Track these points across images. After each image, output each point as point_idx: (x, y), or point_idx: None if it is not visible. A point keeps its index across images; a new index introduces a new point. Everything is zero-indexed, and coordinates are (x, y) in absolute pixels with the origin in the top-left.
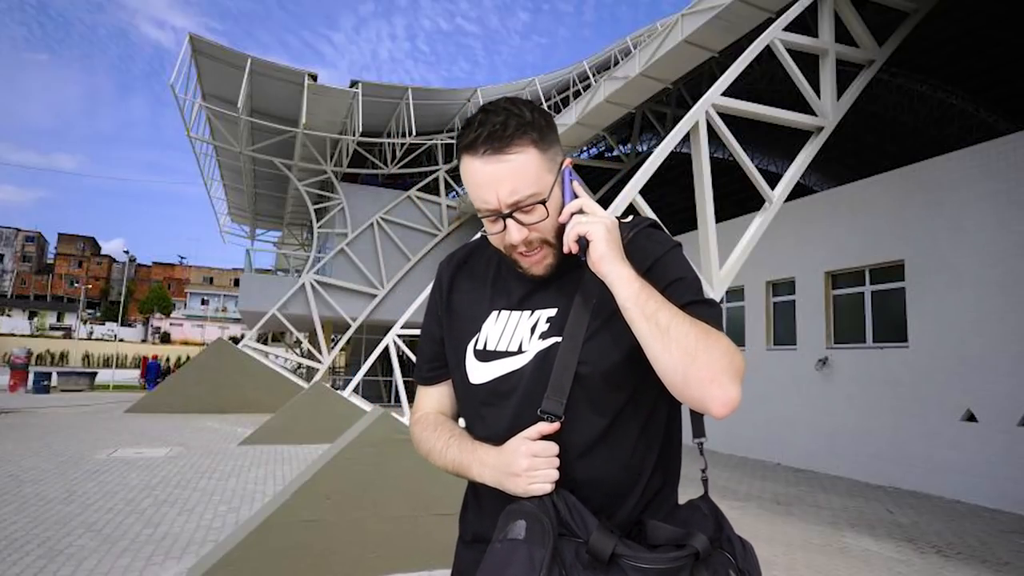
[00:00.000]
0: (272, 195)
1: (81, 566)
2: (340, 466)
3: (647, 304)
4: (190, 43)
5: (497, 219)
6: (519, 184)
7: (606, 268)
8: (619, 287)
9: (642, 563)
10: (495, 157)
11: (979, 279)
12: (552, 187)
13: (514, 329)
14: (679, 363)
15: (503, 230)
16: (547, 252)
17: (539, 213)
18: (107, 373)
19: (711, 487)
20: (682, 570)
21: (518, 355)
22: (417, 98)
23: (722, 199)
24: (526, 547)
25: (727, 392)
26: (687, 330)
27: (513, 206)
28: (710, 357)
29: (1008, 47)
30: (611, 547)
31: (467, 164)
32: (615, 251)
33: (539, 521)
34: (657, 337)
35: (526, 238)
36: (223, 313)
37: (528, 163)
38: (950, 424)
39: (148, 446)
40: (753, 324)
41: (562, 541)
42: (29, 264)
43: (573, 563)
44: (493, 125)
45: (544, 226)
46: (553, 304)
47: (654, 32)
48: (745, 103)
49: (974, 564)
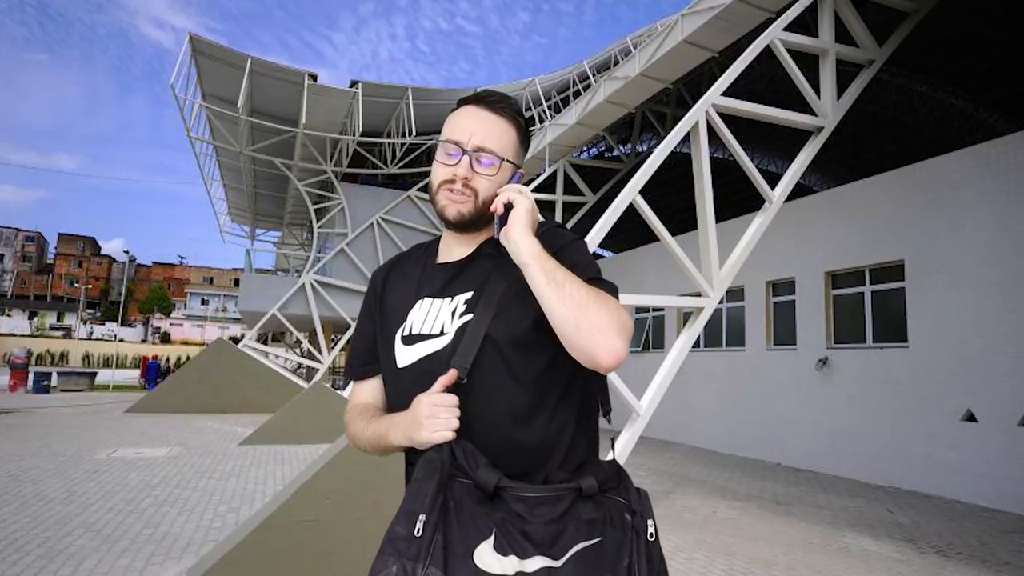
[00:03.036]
0: (272, 195)
1: (81, 566)
2: (340, 466)
3: (546, 263)
4: (190, 43)
5: (456, 152)
6: (493, 138)
7: (516, 230)
8: (523, 246)
9: (522, 492)
10: (490, 110)
11: (979, 279)
12: (507, 169)
13: (436, 314)
14: (571, 313)
15: (456, 163)
16: (469, 202)
17: (490, 169)
18: (107, 373)
19: (712, 487)
20: (561, 499)
21: (440, 337)
22: (417, 98)
23: (722, 199)
24: (416, 483)
25: (612, 342)
26: (580, 286)
27: (478, 149)
28: (599, 311)
29: (1008, 47)
30: (495, 480)
31: (462, 109)
32: (529, 223)
33: (431, 463)
34: (554, 291)
35: (467, 178)
36: (223, 313)
37: (507, 132)
38: (950, 424)
39: (148, 446)
40: (753, 324)
41: (455, 481)
42: (29, 264)
43: (463, 497)
44: (502, 95)
45: (485, 181)
46: (470, 288)
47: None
48: (745, 103)
49: (974, 564)
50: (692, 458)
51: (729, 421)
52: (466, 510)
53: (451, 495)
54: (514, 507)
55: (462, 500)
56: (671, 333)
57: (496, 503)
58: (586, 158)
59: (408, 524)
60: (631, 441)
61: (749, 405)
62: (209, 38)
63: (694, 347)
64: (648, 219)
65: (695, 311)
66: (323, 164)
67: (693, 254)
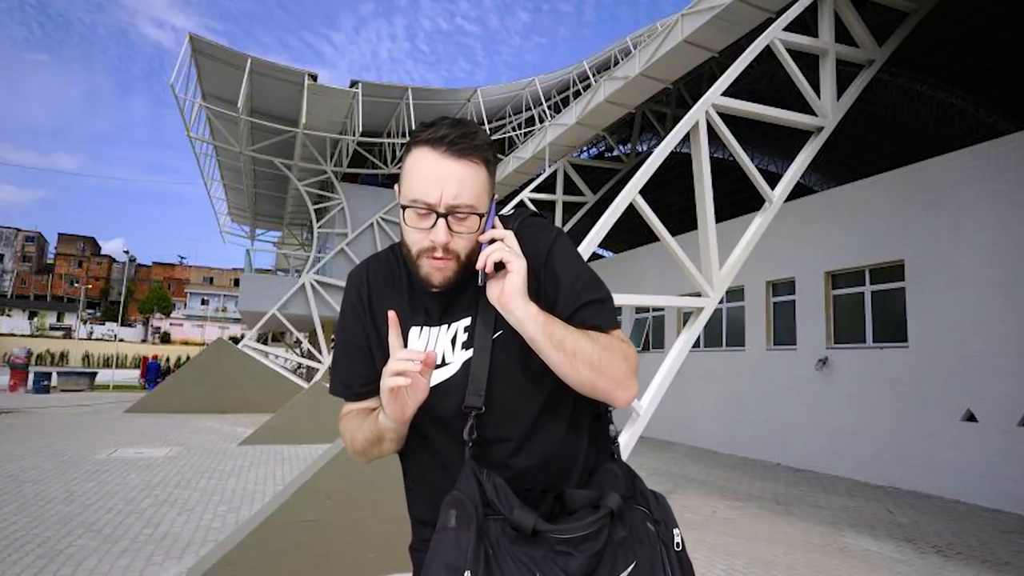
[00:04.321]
0: (272, 195)
1: (81, 566)
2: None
3: (552, 334)
4: (190, 43)
5: (428, 215)
6: (465, 190)
7: (515, 304)
8: (528, 325)
9: (563, 534)
10: (456, 157)
11: (979, 279)
12: (483, 211)
13: (436, 343)
14: (587, 378)
15: (431, 228)
16: (453, 265)
17: (469, 224)
18: (107, 373)
19: (712, 487)
20: (601, 532)
21: (444, 367)
22: (417, 98)
23: (722, 199)
24: (454, 533)
25: (629, 391)
26: (590, 351)
27: (451, 208)
28: (612, 369)
29: (1008, 47)
30: (532, 522)
31: (421, 155)
32: (524, 290)
33: (464, 507)
34: (565, 362)
35: (447, 243)
36: (223, 313)
37: (478, 177)
38: (950, 424)
39: (148, 446)
40: (753, 324)
41: (488, 521)
42: (29, 264)
43: (499, 538)
44: (464, 129)
45: (464, 241)
46: (466, 314)
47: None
48: (745, 103)
49: (974, 564)
50: (692, 458)
51: (729, 421)
52: (504, 552)
53: (487, 540)
54: (556, 547)
55: (499, 542)
56: (671, 333)
57: (534, 541)
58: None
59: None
60: (631, 441)
61: (749, 405)
62: (209, 38)
63: (694, 347)
64: (648, 219)
65: (695, 311)
66: (323, 164)
67: (693, 254)
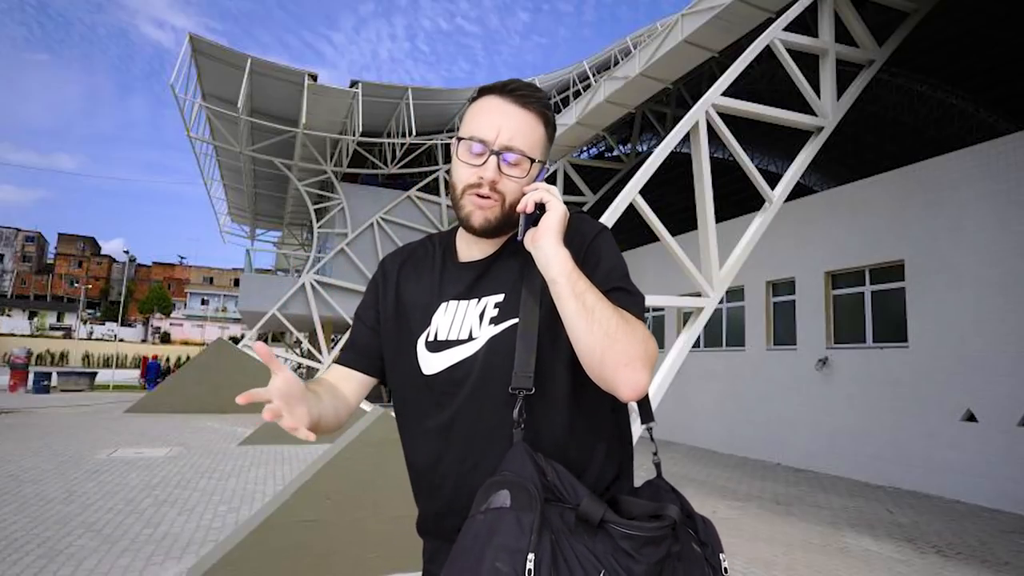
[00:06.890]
0: (272, 195)
1: (81, 566)
2: (340, 466)
3: (577, 283)
4: (190, 43)
5: (482, 153)
6: (521, 135)
7: (548, 241)
8: (554, 262)
9: (631, 530)
10: (518, 104)
11: (979, 279)
12: (535, 169)
13: (463, 318)
14: (599, 343)
15: (482, 164)
16: (496, 206)
17: (519, 170)
18: (107, 373)
19: (711, 487)
20: (664, 539)
21: (469, 342)
22: (417, 98)
23: (722, 199)
24: (513, 513)
25: (637, 377)
26: (610, 315)
27: (505, 148)
28: (628, 342)
29: (1008, 47)
30: (601, 512)
31: (486, 100)
32: (560, 231)
33: (524, 489)
34: (583, 315)
35: (495, 181)
36: (223, 313)
37: (536, 129)
38: (950, 424)
39: (148, 446)
40: (753, 324)
41: (548, 506)
42: (29, 264)
43: (560, 527)
44: (528, 86)
45: (513, 184)
46: (500, 290)
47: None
48: (745, 103)
49: (974, 564)
50: (692, 458)
51: (729, 421)
52: (565, 541)
53: (548, 525)
54: (620, 543)
55: (560, 530)
56: (671, 333)
57: (595, 534)
58: (586, 158)
59: (513, 562)
60: None
61: (749, 405)
62: (209, 38)
63: (694, 347)
64: (648, 219)
65: (695, 311)
66: (323, 164)
67: (693, 254)
